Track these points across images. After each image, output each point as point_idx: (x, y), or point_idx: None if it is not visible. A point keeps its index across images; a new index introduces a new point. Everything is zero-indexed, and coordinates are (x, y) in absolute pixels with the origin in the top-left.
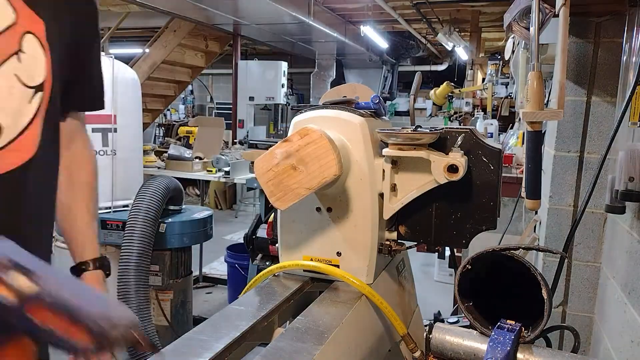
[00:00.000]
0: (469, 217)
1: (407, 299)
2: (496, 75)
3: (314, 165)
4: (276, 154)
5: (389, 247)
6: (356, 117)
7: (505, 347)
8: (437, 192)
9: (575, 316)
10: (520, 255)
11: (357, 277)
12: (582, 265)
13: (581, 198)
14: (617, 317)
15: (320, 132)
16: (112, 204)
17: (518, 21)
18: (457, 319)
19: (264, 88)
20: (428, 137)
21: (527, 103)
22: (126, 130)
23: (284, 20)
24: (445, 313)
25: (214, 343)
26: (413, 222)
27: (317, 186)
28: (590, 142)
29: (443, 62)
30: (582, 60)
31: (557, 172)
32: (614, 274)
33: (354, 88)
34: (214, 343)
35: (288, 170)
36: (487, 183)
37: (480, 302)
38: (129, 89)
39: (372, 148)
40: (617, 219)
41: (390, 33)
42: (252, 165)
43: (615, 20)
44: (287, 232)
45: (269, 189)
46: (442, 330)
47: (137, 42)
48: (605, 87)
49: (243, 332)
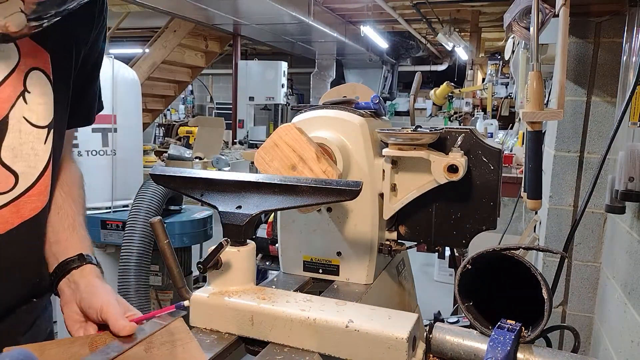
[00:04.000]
0: (469, 217)
1: (407, 299)
2: (496, 75)
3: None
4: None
5: (389, 247)
6: (356, 117)
7: (506, 346)
8: (437, 192)
9: (575, 316)
10: (520, 255)
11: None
12: (582, 265)
13: (581, 198)
14: (617, 317)
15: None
16: (112, 204)
17: (518, 21)
18: (457, 319)
19: (264, 88)
20: (428, 137)
21: (527, 103)
22: (126, 130)
23: (284, 20)
24: (445, 313)
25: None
26: (413, 222)
27: None
28: (590, 142)
29: (443, 62)
30: (582, 60)
31: (557, 172)
32: (614, 274)
33: (354, 88)
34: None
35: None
36: (487, 183)
37: (480, 302)
38: (129, 89)
39: (372, 148)
40: (617, 219)
41: (390, 33)
42: (252, 165)
43: (615, 21)
44: (287, 232)
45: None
46: (443, 330)
47: (137, 42)
48: (605, 87)
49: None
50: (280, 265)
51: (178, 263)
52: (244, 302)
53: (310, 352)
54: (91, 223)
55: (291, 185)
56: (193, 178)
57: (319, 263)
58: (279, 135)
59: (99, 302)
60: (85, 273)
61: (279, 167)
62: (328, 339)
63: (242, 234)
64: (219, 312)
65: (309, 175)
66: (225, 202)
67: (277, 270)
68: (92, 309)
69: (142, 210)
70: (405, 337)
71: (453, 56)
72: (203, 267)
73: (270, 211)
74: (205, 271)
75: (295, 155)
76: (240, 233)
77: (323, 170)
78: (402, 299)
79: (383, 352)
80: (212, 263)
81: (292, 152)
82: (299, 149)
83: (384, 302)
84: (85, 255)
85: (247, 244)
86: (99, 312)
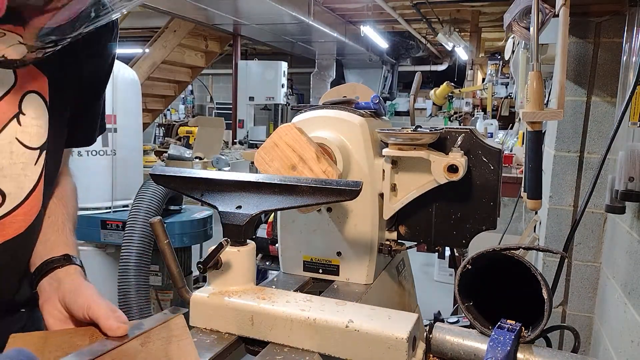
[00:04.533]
0: (469, 217)
1: (407, 299)
2: (496, 75)
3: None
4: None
5: (389, 247)
6: (356, 117)
7: (506, 346)
8: (437, 192)
9: (575, 316)
10: (520, 255)
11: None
12: (582, 265)
13: (581, 198)
14: (617, 317)
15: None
16: (112, 204)
17: (518, 21)
18: (457, 319)
19: (264, 88)
20: (428, 137)
21: (527, 103)
22: (126, 130)
23: (284, 20)
24: (445, 313)
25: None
26: (413, 222)
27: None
28: (590, 142)
29: (443, 62)
30: (582, 60)
31: (557, 172)
32: (614, 274)
33: (354, 88)
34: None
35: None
36: (487, 183)
37: (480, 302)
38: (129, 89)
39: (372, 148)
40: (617, 219)
41: (390, 33)
42: (252, 165)
43: (615, 20)
44: (287, 232)
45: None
46: (443, 330)
47: (137, 42)
48: (605, 87)
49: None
50: (280, 265)
51: (178, 263)
52: (244, 302)
53: (310, 352)
54: (91, 223)
55: (291, 185)
56: (193, 178)
57: (319, 263)
58: (279, 135)
59: (86, 300)
60: (70, 272)
61: (279, 167)
62: (328, 339)
63: (242, 233)
64: (219, 312)
65: (309, 175)
66: (225, 202)
67: (277, 270)
68: (78, 306)
69: (142, 210)
70: (406, 337)
71: (453, 56)
72: (203, 267)
73: (270, 211)
74: (205, 271)
75: (295, 156)
76: (240, 233)
77: (323, 170)
78: (402, 299)
79: (383, 352)
80: (212, 263)
81: (292, 152)
82: (299, 149)
83: (384, 302)
84: (72, 257)
85: (247, 244)
86: (86, 310)
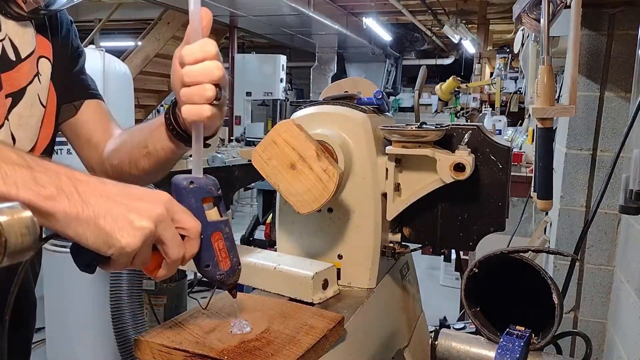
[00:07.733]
0: (476, 219)
1: (411, 303)
2: (505, 69)
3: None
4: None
5: (393, 250)
6: (358, 114)
7: (515, 354)
8: (443, 192)
9: (587, 322)
10: (529, 258)
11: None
12: (594, 268)
13: (594, 198)
14: (631, 323)
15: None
16: None
17: (528, 12)
18: (463, 325)
19: (262, 83)
20: (433, 134)
21: (537, 98)
22: None
23: (282, 11)
24: (451, 318)
25: None
26: (418, 224)
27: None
28: (604, 139)
29: (449, 55)
30: (595, 53)
31: (568, 171)
32: (628, 277)
33: (355, 83)
34: None
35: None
36: (496, 182)
37: (488, 307)
38: (121, 83)
39: (374, 146)
40: (632, 220)
41: (394, 25)
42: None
43: (630, 11)
44: (286, 233)
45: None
46: (449, 336)
47: (129, 35)
48: (619, 81)
49: None
50: None
51: None
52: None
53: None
54: None
55: None
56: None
57: None
58: (278, 132)
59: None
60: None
61: (277, 166)
62: (263, 277)
63: None
64: None
65: (309, 174)
66: None
67: None
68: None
69: None
70: (311, 276)
71: (460, 49)
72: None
73: None
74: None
75: (295, 153)
76: None
77: (323, 169)
78: (406, 304)
79: (296, 287)
80: None
81: (292, 150)
82: (299, 146)
83: (387, 307)
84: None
85: None
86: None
